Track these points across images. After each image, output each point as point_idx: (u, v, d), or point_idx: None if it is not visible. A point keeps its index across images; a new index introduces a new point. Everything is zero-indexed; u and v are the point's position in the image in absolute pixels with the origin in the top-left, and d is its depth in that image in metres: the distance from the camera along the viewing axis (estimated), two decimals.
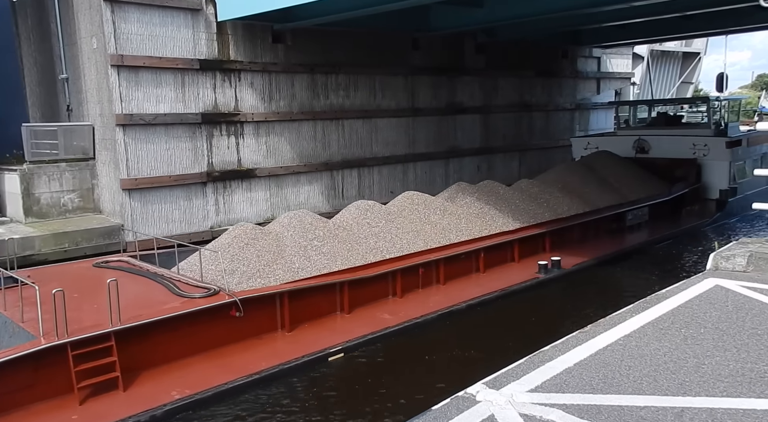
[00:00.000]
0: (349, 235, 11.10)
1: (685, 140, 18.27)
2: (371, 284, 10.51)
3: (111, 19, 11.90)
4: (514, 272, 12.46)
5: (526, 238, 13.33)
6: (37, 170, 12.69)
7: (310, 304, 9.71)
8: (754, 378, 3.99)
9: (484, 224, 12.97)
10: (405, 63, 16.99)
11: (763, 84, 77.28)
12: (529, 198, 14.50)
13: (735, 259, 6.41)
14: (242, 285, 9.31)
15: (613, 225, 15.64)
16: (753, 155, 19.34)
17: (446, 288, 11.50)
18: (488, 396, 3.78)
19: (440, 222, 12.39)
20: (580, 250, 13.97)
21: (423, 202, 12.67)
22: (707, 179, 18.14)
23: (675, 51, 34.06)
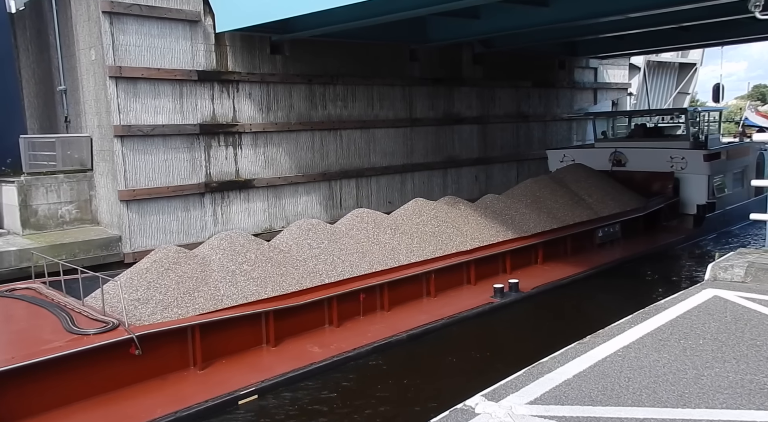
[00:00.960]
0: (285, 258, 10.10)
1: (662, 153, 17.43)
2: (303, 313, 9.53)
3: (109, 30, 11.94)
4: (467, 296, 11.47)
5: (483, 258, 12.30)
6: (34, 181, 12.68)
7: (230, 337, 8.76)
8: (753, 390, 3.97)
9: (440, 244, 11.93)
10: (403, 74, 17.06)
11: (759, 94, 77.69)
12: (492, 215, 13.55)
13: (733, 270, 6.41)
14: (156, 316, 8.34)
15: (582, 243, 14.61)
16: (733, 169, 18.52)
17: (390, 316, 10.50)
18: (487, 409, 3.75)
19: (390, 242, 11.38)
20: (543, 271, 13.08)
21: (373, 220, 11.74)
22: (685, 194, 17.32)
23: (671, 62, 34.23)
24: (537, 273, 12.84)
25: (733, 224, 17.74)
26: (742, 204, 18.17)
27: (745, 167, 19.05)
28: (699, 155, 16.95)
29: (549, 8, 13.92)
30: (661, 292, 6.09)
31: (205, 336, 8.46)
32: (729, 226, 17.63)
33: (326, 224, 11.32)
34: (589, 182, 16.54)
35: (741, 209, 17.81)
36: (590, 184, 16.44)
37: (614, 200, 16.14)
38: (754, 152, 19.74)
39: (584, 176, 16.81)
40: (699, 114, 18.44)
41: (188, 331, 8.33)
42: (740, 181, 18.86)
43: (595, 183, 16.54)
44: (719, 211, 17.11)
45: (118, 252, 12.38)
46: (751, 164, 19.30)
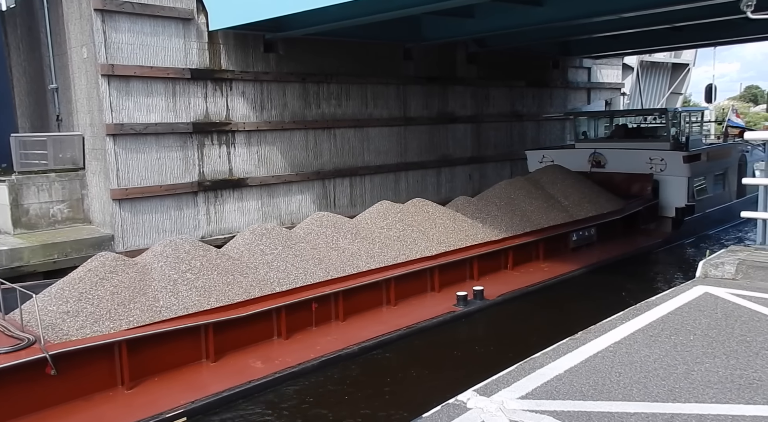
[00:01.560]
0: (234, 265, 9.54)
1: (642, 154, 16.98)
2: (248, 325, 8.98)
3: (101, 28, 11.88)
4: (429, 304, 10.97)
5: (448, 264, 11.73)
6: (25, 180, 12.60)
7: (165, 352, 8.19)
8: (743, 385, 3.99)
9: (403, 249, 11.42)
10: (397, 73, 17.06)
11: (751, 95, 78.18)
12: (462, 218, 13.03)
13: (724, 267, 6.44)
14: (85, 331, 7.73)
15: (556, 247, 14.16)
16: (714, 170, 18.10)
17: (345, 326, 9.94)
18: (479, 403, 3.76)
19: (349, 248, 10.88)
20: (513, 277, 12.58)
21: (333, 224, 11.25)
22: (665, 196, 16.83)
23: (664, 62, 34.37)
24: (506, 279, 12.38)
25: (713, 227, 17.59)
26: (724, 207, 17.92)
27: (727, 169, 18.70)
28: (678, 157, 16.57)
29: (543, 7, 13.95)
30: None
31: (135, 351, 7.88)
32: (709, 229, 17.41)
33: (283, 229, 10.84)
34: (566, 183, 16.10)
35: (722, 212, 17.68)
36: (567, 186, 16.01)
37: (591, 202, 15.68)
38: (736, 154, 19.47)
39: (561, 177, 16.37)
40: (680, 115, 18.02)
41: (115, 347, 7.74)
42: (721, 183, 18.55)
43: (572, 185, 16.11)
44: (699, 214, 16.77)
45: (111, 251, 12.30)
46: (732, 165, 19.01)
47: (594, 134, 19.70)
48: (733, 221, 18.18)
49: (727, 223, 18.07)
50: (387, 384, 8.48)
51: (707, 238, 17.03)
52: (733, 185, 18.94)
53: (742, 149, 19.79)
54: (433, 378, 8.66)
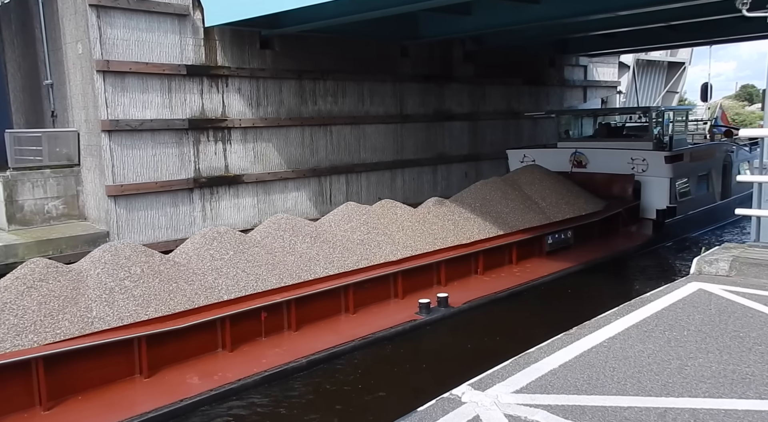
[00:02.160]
0: (179, 272, 8.96)
1: (624, 154, 16.45)
2: (188, 337, 8.34)
3: (97, 24, 11.84)
4: (390, 312, 10.29)
5: (413, 270, 11.07)
6: (20, 176, 12.55)
7: (93, 368, 7.56)
8: (735, 380, 4.01)
9: (366, 254, 10.88)
10: (393, 70, 17.06)
11: (746, 94, 78.43)
12: (433, 220, 12.46)
13: (718, 263, 6.47)
14: (5, 345, 7.23)
15: (530, 251, 13.55)
16: (698, 171, 17.53)
17: (297, 337, 9.27)
18: (473, 397, 3.77)
19: (307, 252, 10.30)
20: (482, 283, 11.90)
21: (291, 228, 10.67)
22: (646, 197, 16.26)
23: (660, 61, 34.47)
24: (475, 285, 11.76)
25: (696, 229, 17.13)
26: (707, 209, 17.47)
27: (711, 170, 18.18)
28: (660, 157, 16.06)
29: (540, 5, 13.97)
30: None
31: (56, 368, 7.24)
32: (691, 232, 16.91)
33: (237, 233, 10.27)
34: (544, 184, 15.52)
35: (706, 214, 17.22)
36: (545, 186, 15.44)
37: (569, 203, 15.11)
38: (721, 154, 18.97)
39: (539, 178, 15.77)
40: (663, 114, 17.45)
41: (32, 364, 7.07)
42: (705, 184, 18.05)
43: (551, 186, 15.53)
44: (680, 216, 16.22)
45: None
46: (717, 166, 18.52)
47: (579, 133, 19.19)
48: (716, 223, 17.94)
49: (711, 225, 17.78)
50: (336, 401, 7.90)
51: (689, 241, 16.47)
52: (717, 186, 18.51)
53: (727, 148, 19.36)
54: (385, 394, 8.05)
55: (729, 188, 18.76)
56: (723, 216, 17.99)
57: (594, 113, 20.03)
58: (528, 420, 3.51)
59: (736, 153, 19.54)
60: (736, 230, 18.19)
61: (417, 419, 3.59)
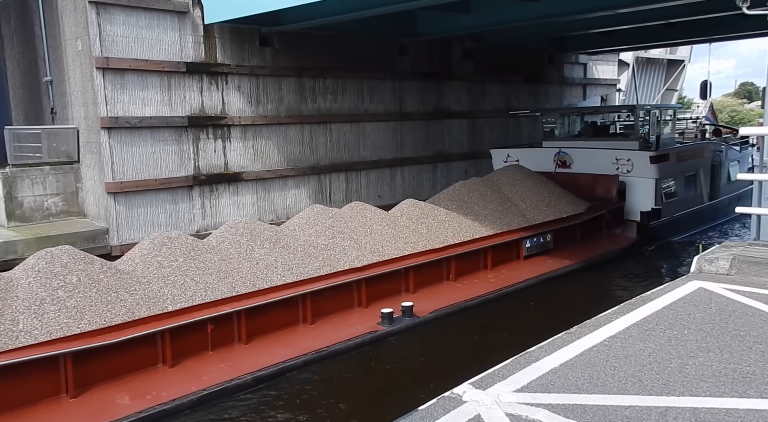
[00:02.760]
0: (120, 281, 8.30)
1: (608, 154, 15.92)
2: (122, 352, 7.68)
3: (96, 21, 11.81)
4: (352, 323, 9.64)
5: (379, 276, 10.44)
6: (20, 173, 12.54)
7: (11, 388, 6.95)
8: (736, 379, 4.02)
9: (329, 260, 10.22)
10: (393, 68, 17.04)
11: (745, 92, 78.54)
12: (405, 223, 11.85)
13: (718, 262, 6.48)
14: None
15: (507, 256, 12.91)
16: (686, 172, 16.95)
17: (247, 351, 8.60)
18: (474, 396, 3.78)
19: (265, 258, 9.65)
20: (453, 290, 11.26)
21: (250, 232, 10.04)
22: (632, 199, 15.69)
23: (660, 58, 34.49)
24: (444, 292, 11.14)
25: (682, 232, 16.47)
26: (695, 210, 16.89)
27: (699, 170, 17.58)
28: (645, 157, 15.49)
29: (539, 3, 13.96)
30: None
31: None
32: (677, 234, 16.25)
33: (189, 238, 9.60)
34: (525, 185, 14.87)
35: (693, 216, 16.68)
36: (525, 188, 14.78)
37: (550, 206, 14.46)
38: (710, 153, 18.33)
39: (520, 178, 15.11)
40: (649, 112, 16.84)
41: None
42: (693, 185, 17.46)
43: (532, 187, 14.87)
44: (666, 218, 15.64)
45: (105, 245, 12.28)
46: (705, 166, 17.91)
47: (565, 132, 18.63)
48: (705, 225, 17.41)
49: (699, 227, 17.21)
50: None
51: (675, 244, 15.87)
52: (705, 186, 17.92)
53: (716, 148, 18.79)
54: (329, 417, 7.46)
55: (718, 188, 18.34)
56: (711, 218, 17.68)
57: (579, 111, 19.37)
58: (529, 419, 3.51)
59: (725, 153, 19.06)
60: (724, 231, 17.74)
61: (418, 418, 3.60)
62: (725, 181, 18.77)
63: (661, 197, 15.77)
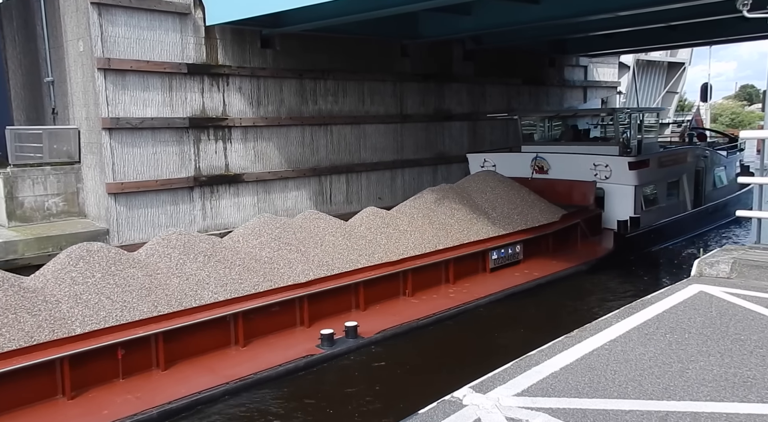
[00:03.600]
0: (22, 300, 7.44)
1: (586, 159, 15.15)
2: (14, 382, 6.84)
3: (98, 22, 11.82)
4: (289, 345, 8.64)
5: (324, 293, 9.49)
6: (20, 173, 12.54)
7: None
8: (737, 383, 4.02)
9: (270, 274, 9.38)
10: (393, 70, 17.06)
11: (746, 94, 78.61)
12: (362, 234, 11.03)
13: (719, 266, 6.48)
14: None
15: (471, 268, 11.94)
16: (668, 178, 16.14)
17: (165, 378, 7.70)
18: (475, 400, 3.78)
19: (197, 274, 8.80)
20: (407, 307, 10.28)
21: (183, 245, 9.16)
22: (610, 207, 14.91)
23: (660, 61, 34.55)
24: (399, 309, 10.17)
25: (663, 241, 15.34)
26: (677, 219, 15.96)
27: (682, 176, 16.80)
28: (623, 163, 14.71)
29: (539, 5, 13.98)
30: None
31: None
32: (658, 244, 15.13)
33: (113, 251, 8.75)
34: (497, 193, 14.06)
35: (675, 224, 15.76)
36: (497, 195, 13.99)
37: (522, 214, 13.67)
38: (694, 159, 17.48)
39: (492, 185, 14.28)
40: (630, 116, 15.93)
41: None
42: (676, 192, 16.68)
43: (504, 194, 14.09)
44: (646, 227, 14.69)
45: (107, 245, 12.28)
46: (689, 172, 17.10)
47: (546, 136, 17.80)
48: (688, 234, 16.35)
49: (682, 236, 16.11)
50: None
51: (655, 255, 14.73)
52: (689, 193, 17.10)
53: (700, 153, 17.94)
54: None
55: (702, 195, 17.61)
56: (695, 226, 16.80)
57: (557, 114, 18.37)
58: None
59: (710, 158, 18.26)
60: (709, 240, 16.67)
61: (418, 421, 3.60)
62: (711, 187, 18.18)
63: (641, 205, 15.09)
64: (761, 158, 8.16)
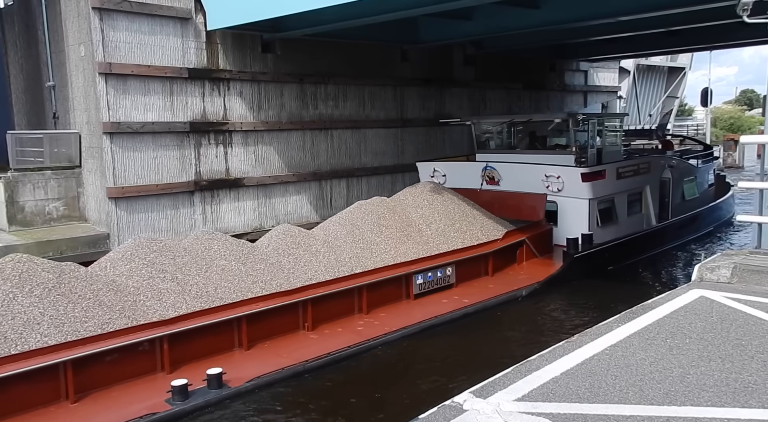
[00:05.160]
0: None
1: (537, 170, 13.74)
2: None
3: (99, 26, 11.86)
4: (132, 399, 7.09)
5: (193, 332, 7.90)
6: (21, 177, 12.56)
7: None
8: (738, 388, 4.01)
9: (126, 310, 7.90)
10: (394, 74, 17.09)
11: (746, 99, 78.71)
12: (263, 257, 9.62)
13: (720, 270, 6.47)
14: None
15: (390, 296, 10.40)
16: (628, 190, 14.65)
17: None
18: (475, 405, 3.77)
19: (27, 312, 7.32)
20: (303, 344, 8.65)
21: (20, 275, 7.65)
22: (563, 222, 13.52)
23: (661, 66, 34.59)
24: (291, 348, 8.50)
25: (621, 259, 13.62)
26: (639, 235, 14.52)
27: (645, 188, 15.29)
28: (576, 174, 13.28)
29: (540, 10, 14.03)
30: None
31: None
32: (616, 262, 13.47)
33: None
34: (435, 207, 12.66)
35: (637, 241, 14.27)
36: (435, 210, 12.59)
37: (460, 231, 12.31)
38: (658, 169, 15.89)
39: (430, 198, 12.88)
40: (587, 122, 14.40)
41: None
42: (637, 205, 15.17)
43: (443, 209, 12.68)
44: (600, 246, 13.17)
45: (106, 250, 12.22)
46: (652, 183, 15.53)
47: (503, 143, 16.24)
48: (652, 251, 14.75)
49: (644, 253, 14.50)
50: None
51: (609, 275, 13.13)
52: (653, 207, 15.58)
53: (667, 162, 16.37)
54: None
55: (669, 208, 16.02)
56: (660, 242, 15.25)
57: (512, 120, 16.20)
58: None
59: (678, 168, 16.58)
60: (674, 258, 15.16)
61: None
62: (679, 199, 16.64)
63: (597, 220, 13.65)
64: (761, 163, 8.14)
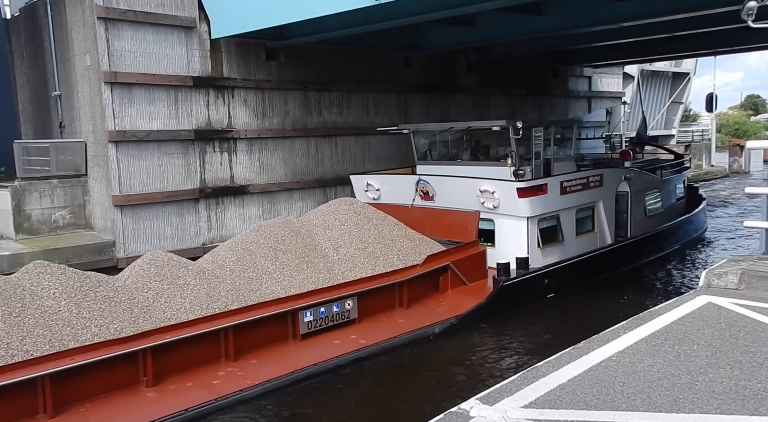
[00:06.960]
0: None
1: (472, 184, 12.40)
2: None
3: (105, 36, 11.94)
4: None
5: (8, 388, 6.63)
6: (28, 186, 12.62)
7: None
8: (747, 396, 3.97)
9: None
10: (397, 81, 17.13)
11: (751, 104, 78.49)
12: (112, 293, 8.24)
13: (727, 277, 6.42)
14: None
15: (273, 335, 9.00)
16: (578, 205, 13.23)
17: None
18: (482, 412, 3.74)
19: None
20: (136, 407, 7.22)
21: None
22: (500, 243, 12.24)
23: (665, 71, 34.54)
24: (122, 410, 7.09)
25: (566, 285, 12.20)
26: (590, 256, 13.06)
27: (597, 203, 13.83)
28: (512, 189, 11.93)
29: (543, 17, 14.04)
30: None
31: None
32: (559, 289, 12.17)
33: None
34: (347, 228, 11.28)
35: (586, 263, 12.84)
36: (346, 231, 11.21)
37: (372, 256, 10.93)
38: (613, 182, 14.32)
39: (343, 218, 11.57)
40: (531, 130, 12.91)
41: None
42: (588, 223, 13.73)
43: (355, 230, 11.31)
44: (537, 270, 11.82)
45: (112, 257, 12.32)
46: (606, 198, 14.03)
47: (446, 153, 14.88)
48: (602, 274, 13.14)
49: (594, 277, 12.94)
50: None
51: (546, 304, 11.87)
52: (609, 224, 14.10)
53: (624, 174, 14.77)
54: None
55: (628, 225, 14.61)
56: (616, 264, 13.69)
57: (451, 128, 14.82)
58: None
59: (636, 180, 14.99)
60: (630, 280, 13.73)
61: None
62: (641, 215, 15.24)
63: (538, 241, 12.34)
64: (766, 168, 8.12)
